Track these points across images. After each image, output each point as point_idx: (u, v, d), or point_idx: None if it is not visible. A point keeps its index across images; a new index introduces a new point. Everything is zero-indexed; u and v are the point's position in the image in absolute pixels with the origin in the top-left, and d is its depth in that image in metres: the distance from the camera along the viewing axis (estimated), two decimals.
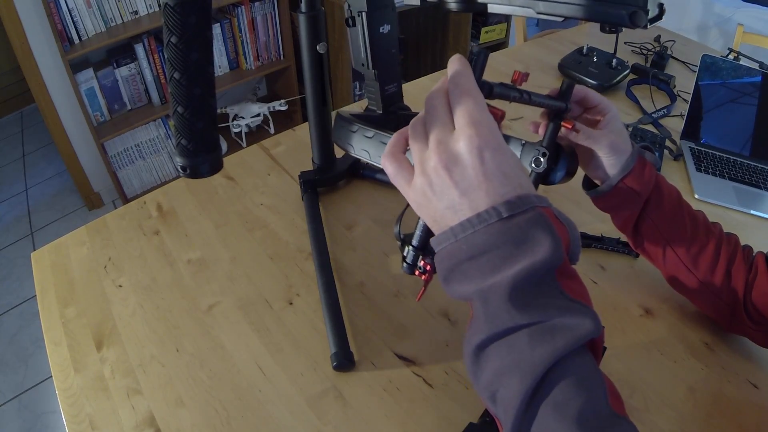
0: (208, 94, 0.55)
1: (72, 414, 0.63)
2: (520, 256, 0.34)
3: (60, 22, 1.88)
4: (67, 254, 0.83)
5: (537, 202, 0.35)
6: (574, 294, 0.35)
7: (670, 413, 0.60)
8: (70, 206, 2.45)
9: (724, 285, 0.62)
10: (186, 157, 0.57)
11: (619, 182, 0.60)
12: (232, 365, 0.67)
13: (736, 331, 0.65)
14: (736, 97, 1.04)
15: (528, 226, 0.34)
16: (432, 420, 0.61)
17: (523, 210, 0.34)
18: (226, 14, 2.28)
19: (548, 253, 0.33)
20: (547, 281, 0.34)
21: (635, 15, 0.43)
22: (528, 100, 0.50)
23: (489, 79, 0.42)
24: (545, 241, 0.34)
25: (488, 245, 0.34)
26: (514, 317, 0.33)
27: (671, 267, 0.65)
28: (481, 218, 0.34)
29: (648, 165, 0.61)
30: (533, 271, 0.33)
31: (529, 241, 0.34)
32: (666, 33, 1.48)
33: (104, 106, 2.15)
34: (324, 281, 0.73)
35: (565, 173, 0.55)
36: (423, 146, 0.37)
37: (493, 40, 2.92)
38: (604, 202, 0.63)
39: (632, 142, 0.61)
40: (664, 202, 0.62)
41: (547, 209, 0.36)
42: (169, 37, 0.51)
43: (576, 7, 0.48)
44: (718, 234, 0.64)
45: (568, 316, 0.33)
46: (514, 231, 0.34)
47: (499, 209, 0.34)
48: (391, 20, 0.56)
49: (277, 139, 1.06)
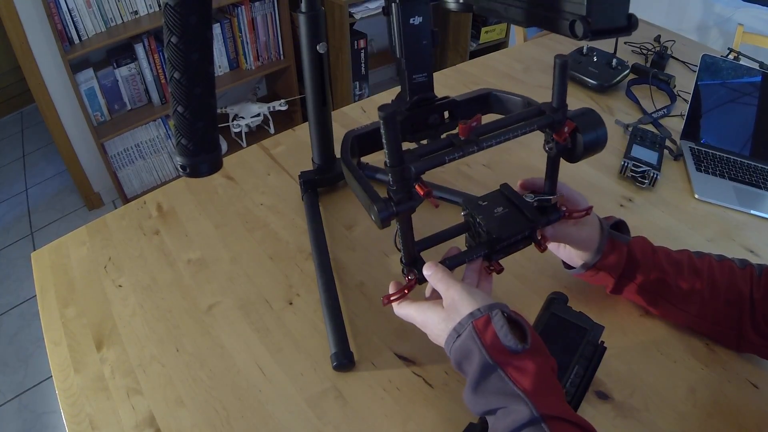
0: (208, 93, 0.55)
1: (72, 414, 0.63)
2: (469, 366, 0.48)
3: (60, 22, 1.88)
4: (67, 254, 0.83)
5: (470, 320, 0.49)
6: (523, 379, 0.46)
7: (670, 413, 0.60)
8: (70, 206, 2.45)
9: (723, 314, 0.62)
10: (186, 156, 0.57)
11: (592, 267, 0.65)
12: (232, 365, 0.67)
13: (745, 350, 0.65)
14: (736, 97, 1.04)
15: (464, 341, 0.49)
16: (432, 420, 0.61)
17: (459, 333, 0.49)
18: (226, 14, 2.28)
19: (477, 360, 0.47)
20: (492, 376, 0.47)
21: (575, 25, 0.42)
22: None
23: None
24: (475, 352, 0.48)
25: (456, 360, 0.50)
26: (475, 405, 0.48)
27: (665, 312, 0.67)
28: (447, 342, 0.51)
29: (617, 246, 0.63)
30: (476, 373, 0.47)
31: (469, 353, 0.48)
32: (666, 33, 1.48)
33: (104, 106, 2.15)
34: (324, 281, 0.73)
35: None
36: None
37: (493, 40, 2.92)
38: (582, 278, 0.68)
39: (602, 226, 0.64)
40: (640, 265, 0.64)
41: (478, 320, 0.48)
42: (170, 37, 0.51)
43: (519, 11, 0.48)
44: (707, 269, 0.63)
45: (510, 404, 0.45)
46: (460, 349, 0.49)
47: (452, 334, 0.50)
48: (424, 12, 0.58)
49: (277, 139, 1.06)
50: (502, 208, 0.59)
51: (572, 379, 0.56)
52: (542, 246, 0.59)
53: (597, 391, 0.63)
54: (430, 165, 0.50)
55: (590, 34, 0.41)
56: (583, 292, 0.72)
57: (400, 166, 0.47)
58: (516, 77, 1.27)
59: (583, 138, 0.55)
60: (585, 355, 0.58)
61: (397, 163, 0.47)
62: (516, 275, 0.77)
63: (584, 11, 0.41)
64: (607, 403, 0.62)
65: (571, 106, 0.55)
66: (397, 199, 0.49)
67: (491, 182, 0.93)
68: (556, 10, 0.44)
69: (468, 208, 0.60)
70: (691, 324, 0.66)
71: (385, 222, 0.49)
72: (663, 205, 0.91)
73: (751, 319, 0.61)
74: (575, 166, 0.62)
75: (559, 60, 0.50)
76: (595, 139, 0.56)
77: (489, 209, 0.59)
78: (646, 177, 0.93)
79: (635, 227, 0.84)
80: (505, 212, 0.58)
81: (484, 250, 0.57)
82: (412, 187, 0.49)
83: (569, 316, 0.61)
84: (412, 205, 0.50)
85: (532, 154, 1.01)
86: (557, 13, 0.44)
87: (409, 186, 0.49)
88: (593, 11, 0.41)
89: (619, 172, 0.96)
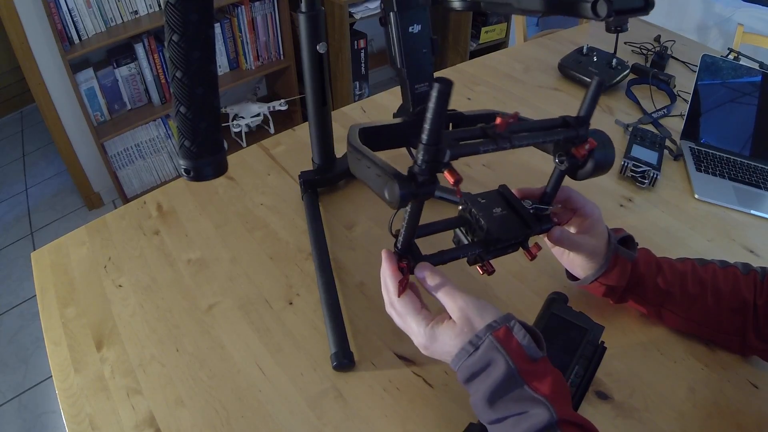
0: (210, 93, 0.54)
1: (72, 414, 0.63)
2: (487, 377, 0.48)
3: (60, 22, 1.88)
4: (67, 254, 0.83)
5: (488, 332, 0.48)
6: (542, 386, 0.46)
7: (670, 413, 0.60)
8: (70, 206, 2.45)
9: (728, 321, 0.62)
10: (189, 159, 0.56)
11: (594, 280, 0.64)
12: (232, 365, 0.67)
13: (748, 354, 0.65)
14: (736, 97, 1.04)
15: (486, 353, 0.48)
16: (432, 420, 0.61)
17: (479, 344, 0.48)
18: (226, 14, 2.28)
19: (503, 370, 0.47)
20: (514, 385, 0.46)
21: (597, 5, 0.42)
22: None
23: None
24: (500, 362, 0.47)
25: (471, 373, 0.49)
26: (489, 414, 0.47)
27: (668, 321, 0.67)
28: (459, 356, 0.49)
29: (621, 261, 0.63)
30: (497, 383, 0.47)
31: (490, 364, 0.48)
32: (666, 33, 1.48)
33: (104, 106, 2.15)
34: (324, 281, 0.73)
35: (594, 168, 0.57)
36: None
37: (493, 39, 2.92)
38: (585, 288, 0.68)
39: (609, 240, 0.63)
40: (644, 279, 0.64)
41: (497, 331, 0.48)
42: (171, 36, 0.50)
43: (535, 1, 0.48)
44: (710, 278, 0.63)
45: (530, 408, 0.45)
46: (478, 362, 0.48)
47: (466, 348, 0.49)
48: (422, 20, 0.56)
49: (277, 139, 1.06)
50: (500, 209, 0.58)
51: (572, 379, 0.56)
52: (532, 254, 0.59)
53: (597, 391, 0.63)
54: (465, 152, 0.47)
55: (613, 13, 0.41)
56: (583, 292, 0.72)
57: (437, 146, 0.44)
58: (516, 77, 1.27)
59: (596, 156, 0.55)
60: (585, 355, 0.58)
61: (434, 142, 0.44)
62: (516, 275, 0.77)
63: None
64: (607, 403, 0.62)
65: (572, 106, 0.55)
66: (422, 180, 0.45)
67: (491, 182, 0.93)
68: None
69: (467, 203, 0.59)
70: (695, 331, 0.66)
71: (403, 201, 0.45)
72: (663, 205, 0.91)
73: (754, 325, 0.61)
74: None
75: (597, 79, 0.50)
76: (604, 159, 0.55)
77: (488, 208, 0.58)
78: (646, 177, 0.93)
79: (635, 227, 0.84)
80: (504, 214, 0.58)
81: (478, 248, 0.57)
82: (441, 170, 0.46)
83: (569, 316, 0.61)
84: (434, 189, 0.47)
85: (531, 157, 1.00)
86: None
87: (437, 169, 0.46)
88: None
89: (619, 172, 0.96)
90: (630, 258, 0.63)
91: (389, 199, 0.46)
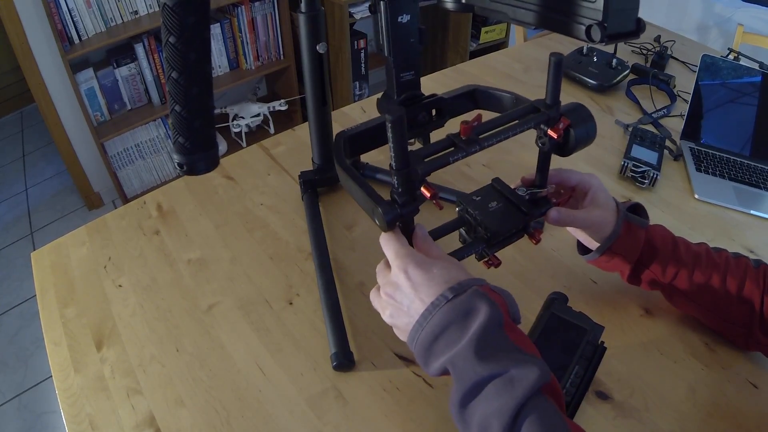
0: (205, 93, 0.55)
1: (72, 414, 0.63)
2: (471, 322, 0.44)
3: (60, 22, 1.88)
4: (67, 254, 0.83)
5: (473, 283, 0.46)
6: (522, 345, 0.43)
7: (670, 413, 0.61)
8: (70, 206, 2.45)
9: (736, 311, 0.62)
10: (183, 154, 0.57)
11: (606, 251, 0.63)
12: (232, 365, 0.67)
13: (752, 349, 0.65)
14: (736, 97, 1.04)
15: (470, 299, 0.44)
16: (432, 420, 0.61)
17: (463, 290, 0.45)
18: (226, 14, 2.28)
19: (490, 312, 0.43)
20: (498, 336, 0.43)
21: (591, 30, 0.43)
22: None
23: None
24: (485, 306, 0.44)
25: (445, 322, 0.44)
26: (477, 370, 0.41)
27: (678, 302, 0.66)
28: (434, 305, 0.45)
29: (634, 230, 0.62)
30: (484, 328, 0.43)
31: (474, 309, 0.44)
32: (666, 33, 1.48)
33: (104, 106, 2.16)
34: (324, 281, 0.73)
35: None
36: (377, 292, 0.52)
37: (493, 40, 2.92)
38: (596, 264, 0.67)
39: (617, 208, 0.63)
40: (658, 253, 0.63)
41: (482, 286, 0.46)
42: (168, 37, 0.51)
43: (529, 13, 0.49)
44: (723, 264, 0.63)
45: (521, 366, 0.41)
46: (460, 306, 0.44)
47: (445, 294, 0.45)
48: (411, 11, 0.58)
49: (277, 139, 1.06)
50: (495, 202, 0.59)
51: (572, 379, 0.56)
52: (536, 238, 0.59)
53: (597, 391, 0.63)
54: (435, 166, 0.50)
55: (606, 38, 0.42)
56: (583, 292, 0.72)
57: (406, 169, 0.47)
58: (516, 77, 1.27)
59: (575, 133, 0.56)
60: (585, 355, 0.58)
61: (403, 166, 0.47)
62: (516, 275, 0.77)
63: (601, 17, 0.42)
64: (607, 403, 0.62)
65: (564, 103, 0.56)
66: (402, 201, 0.49)
67: None
68: (571, 14, 0.45)
69: (463, 204, 0.60)
70: (702, 317, 0.66)
71: (390, 224, 0.49)
72: (663, 205, 0.91)
73: (759, 319, 0.61)
74: (575, 165, 0.62)
75: (555, 57, 0.51)
76: (586, 134, 0.57)
77: (483, 204, 0.59)
78: (646, 177, 0.93)
79: None
80: (500, 206, 0.59)
81: (481, 245, 0.57)
82: (417, 189, 0.49)
83: (569, 316, 0.61)
84: (417, 207, 0.50)
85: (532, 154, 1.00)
86: (572, 18, 0.45)
87: (414, 188, 0.49)
88: (609, 17, 0.42)
89: (619, 172, 0.96)
90: (642, 224, 0.63)
91: (379, 224, 0.50)
